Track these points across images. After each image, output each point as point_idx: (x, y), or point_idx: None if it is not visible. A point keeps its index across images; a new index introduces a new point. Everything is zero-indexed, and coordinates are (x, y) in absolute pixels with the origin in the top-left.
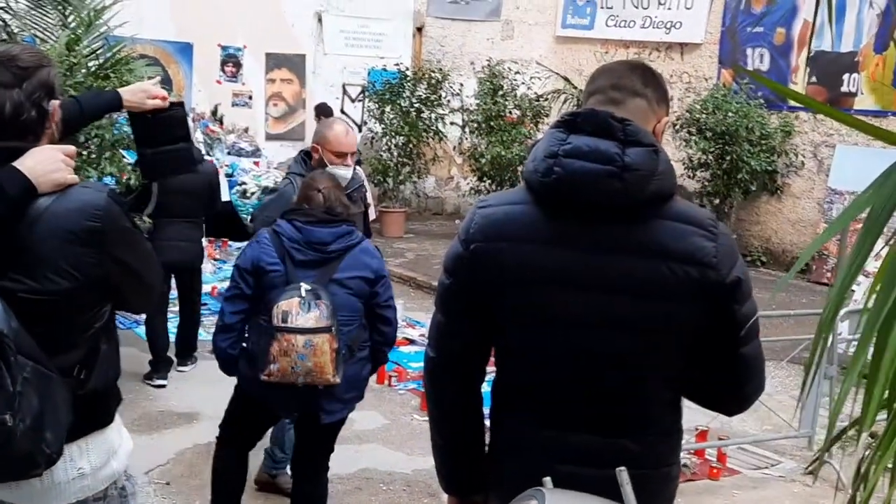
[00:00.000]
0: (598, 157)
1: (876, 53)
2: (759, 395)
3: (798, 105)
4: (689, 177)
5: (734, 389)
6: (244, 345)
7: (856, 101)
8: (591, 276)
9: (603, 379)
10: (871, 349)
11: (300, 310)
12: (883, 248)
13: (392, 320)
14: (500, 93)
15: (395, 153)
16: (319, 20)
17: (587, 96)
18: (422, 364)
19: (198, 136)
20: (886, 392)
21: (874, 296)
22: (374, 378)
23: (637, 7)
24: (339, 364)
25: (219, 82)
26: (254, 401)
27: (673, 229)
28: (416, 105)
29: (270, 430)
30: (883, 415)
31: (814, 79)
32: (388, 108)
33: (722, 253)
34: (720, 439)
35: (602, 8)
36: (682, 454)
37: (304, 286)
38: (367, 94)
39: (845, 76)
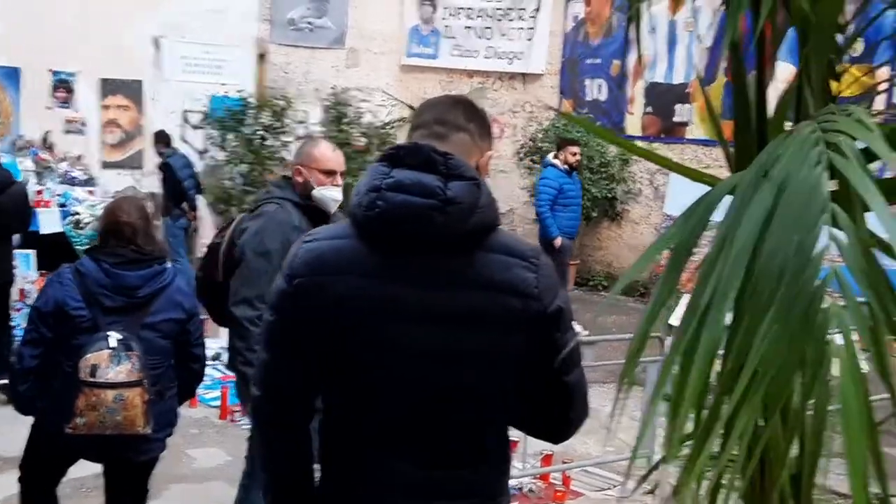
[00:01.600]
0: (421, 191)
1: (704, 85)
2: (583, 421)
3: (635, 134)
4: (533, 204)
5: (559, 417)
6: (46, 385)
7: (687, 130)
8: (416, 309)
9: (432, 412)
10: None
11: (110, 363)
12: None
13: (202, 357)
14: (346, 120)
15: (239, 181)
16: (158, 45)
17: (412, 130)
18: None
19: (27, 164)
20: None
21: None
22: (216, 414)
23: (480, 37)
24: (149, 414)
25: (49, 109)
26: (55, 442)
27: (496, 261)
28: (260, 132)
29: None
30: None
31: (649, 109)
32: (230, 136)
33: (543, 284)
34: (564, 462)
35: (446, 38)
36: (527, 479)
37: (115, 336)
38: (208, 121)
39: (677, 106)
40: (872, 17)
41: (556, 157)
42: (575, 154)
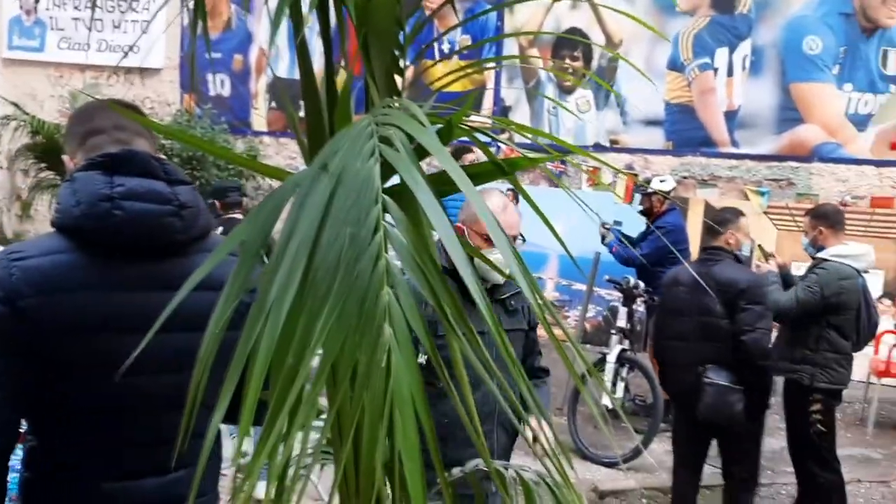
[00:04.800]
0: (156, 198)
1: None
2: None
3: (261, 130)
4: None
5: None
6: None
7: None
8: (154, 317)
9: (168, 420)
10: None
11: None
12: None
13: None
14: None
15: None
16: None
17: (83, 137)
18: None
19: None
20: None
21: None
22: None
23: (91, 29)
24: None
25: None
26: None
27: (223, 261)
28: None
29: None
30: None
31: (274, 104)
32: None
33: None
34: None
35: (53, 29)
36: None
37: None
38: None
39: (303, 102)
40: (429, 16)
41: None
42: None
